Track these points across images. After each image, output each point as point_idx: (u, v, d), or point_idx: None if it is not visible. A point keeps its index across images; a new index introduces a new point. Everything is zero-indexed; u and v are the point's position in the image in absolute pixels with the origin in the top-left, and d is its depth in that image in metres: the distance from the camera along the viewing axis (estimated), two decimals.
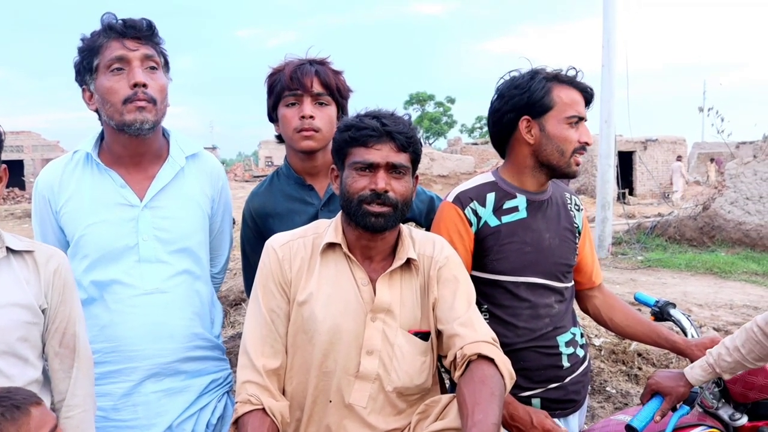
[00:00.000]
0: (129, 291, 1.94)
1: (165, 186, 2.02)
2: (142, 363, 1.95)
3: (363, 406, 1.74)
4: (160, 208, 2.00)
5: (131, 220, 1.96)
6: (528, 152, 2.05)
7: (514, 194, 2.07)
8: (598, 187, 12.38)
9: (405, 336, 1.77)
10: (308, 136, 2.15)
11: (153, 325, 1.95)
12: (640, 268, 10.87)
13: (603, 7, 11.82)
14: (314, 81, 2.15)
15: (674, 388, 1.96)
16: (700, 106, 17.31)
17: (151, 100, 1.92)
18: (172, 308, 1.99)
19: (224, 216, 2.27)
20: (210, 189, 2.16)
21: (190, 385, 2.04)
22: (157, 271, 1.97)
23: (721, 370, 1.91)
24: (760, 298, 8.38)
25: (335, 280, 1.78)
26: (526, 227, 2.05)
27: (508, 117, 2.03)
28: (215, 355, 2.15)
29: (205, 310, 2.11)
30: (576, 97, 2.02)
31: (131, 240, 1.96)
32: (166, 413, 1.98)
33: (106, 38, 1.91)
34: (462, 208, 2.03)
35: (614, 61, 11.75)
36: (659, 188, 23.38)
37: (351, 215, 1.75)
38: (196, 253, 2.08)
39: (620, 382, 4.93)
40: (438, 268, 1.82)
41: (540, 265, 2.05)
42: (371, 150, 1.72)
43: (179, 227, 2.03)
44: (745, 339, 1.89)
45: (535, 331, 2.03)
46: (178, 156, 2.08)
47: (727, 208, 12.69)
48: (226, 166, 58.18)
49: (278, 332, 1.77)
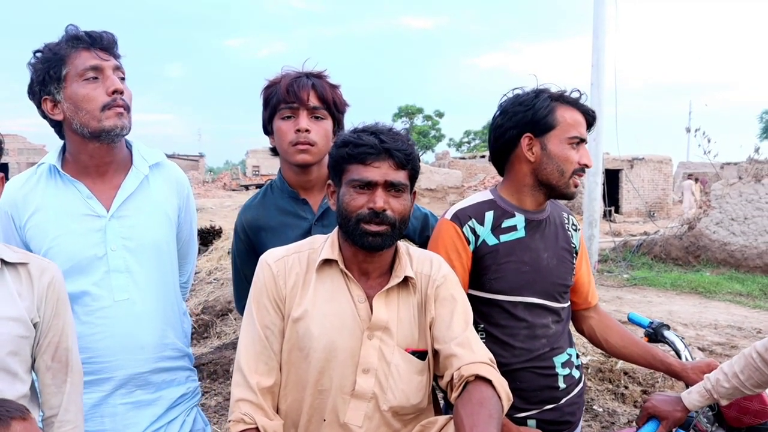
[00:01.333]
0: (99, 302, 1.93)
1: (131, 195, 2.01)
2: (113, 374, 1.93)
3: (358, 425, 1.71)
4: (127, 217, 1.99)
5: (99, 231, 1.95)
6: (528, 170, 2.04)
7: (513, 213, 2.06)
8: (585, 205, 12.46)
9: (402, 354, 1.75)
10: (303, 150, 2.12)
11: (124, 335, 1.94)
12: (626, 286, 10.93)
13: (593, 26, 11.95)
14: (311, 94, 2.13)
15: (671, 413, 1.95)
16: (687, 126, 17.48)
17: (126, 107, 1.95)
18: (143, 318, 1.97)
19: (191, 225, 2.27)
20: (176, 198, 2.15)
21: (160, 398, 2.02)
22: (126, 281, 1.96)
23: (719, 396, 1.90)
24: (744, 319, 8.44)
25: (331, 297, 1.75)
26: (525, 247, 2.04)
27: (510, 133, 2.03)
28: (185, 365, 2.14)
29: (176, 319, 2.10)
30: (579, 119, 2.03)
31: (99, 250, 1.94)
32: (134, 425, 1.96)
33: (72, 48, 1.91)
34: (460, 226, 2.02)
35: (603, 80, 11.87)
36: (645, 207, 23.56)
37: (348, 234, 1.73)
38: (166, 262, 2.07)
39: (607, 401, 4.93)
40: (435, 287, 1.80)
41: (537, 285, 2.04)
42: (369, 168, 1.70)
43: (147, 236, 2.02)
44: (744, 365, 1.88)
45: (532, 352, 2.02)
46: (141, 165, 2.07)
47: (713, 228, 12.81)
48: (213, 175, 58.06)
49: (273, 349, 1.74)
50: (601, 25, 11.86)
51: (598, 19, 11.87)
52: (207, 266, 9.75)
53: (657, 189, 26.14)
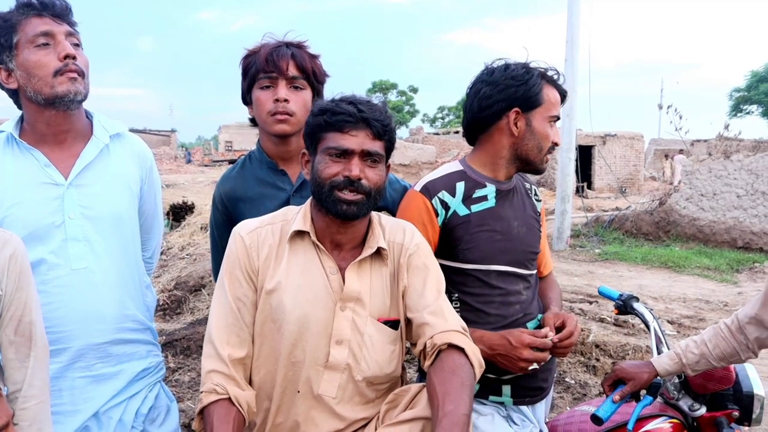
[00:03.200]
0: (57, 271, 1.89)
1: (90, 163, 1.97)
2: (71, 344, 1.89)
3: (332, 396, 1.72)
4: (86, 185, 1.95)
5: (56, 199, 1.91)
6: (508, 143, 2.05)
7: (484, 183, 2.07)
8: (559, 180, 12.55)
9: (375, 325, 1.76)
10: (282, 120, 2.10)
11: (81, 305, 1.90)
12: (597, 261, 11.07)
13: (567, 4, 11.94)
14: (290, 64, 2.10)
15: (638, 374, 2.02)
16: (659, 103, 17.66)
17: (80, 72, 1.91)
18: (102, 288, 1.94)
19: (155, 199, 2.23)
20: (137, 170, 2.12)
21: (120, 371, 1.99)
22: (85, 249, 1.92)
23: (687, 362, 1.97)
24: (711, 292, 8.61)
25: (304, 269, 1.75)
26: (496, 216, 2.05)
27: (498, 105, 2.02)
28: (147, 338, 2.10)
29: (137, 292, 2.07)
30: (558, 98, 2.08)
31: (57, 218, 1.90)
32: (92, 399, 1.93)
33: (23, 15, 1.87)
34: (429, 198, 2.02)
35: (577, 57, 11.91)
36: (617, 182, 23.83)
37: (322, 201, 1.72)
38: (126, 233, 2.04)
39: (579, 373, 5.02)
40: (408, 256, 1.80)
41: (510, 253, 2.06)
42: (346, 136, 1.69)
43: (107, 205, 1.98)
44: (712, 334, 1.98)
45: (506, 318, 2.04)
46: (101, 135, 2.03)
47: (683, 204, 13.00)
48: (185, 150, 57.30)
49: (244, 321, 1.74)
50: (576, 1, 11.87)
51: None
52: (180, 242, 9.68)
53: (629, 165, 26.41)
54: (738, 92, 33.18)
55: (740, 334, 1.94)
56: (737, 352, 1.94)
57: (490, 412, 2.04)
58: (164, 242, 9.74)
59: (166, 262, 8.79)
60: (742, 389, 2.05)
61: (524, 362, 1.89)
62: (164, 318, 6.75)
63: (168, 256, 9.13)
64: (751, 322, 1.92)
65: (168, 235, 10.42)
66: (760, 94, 31.39)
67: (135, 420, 2.01)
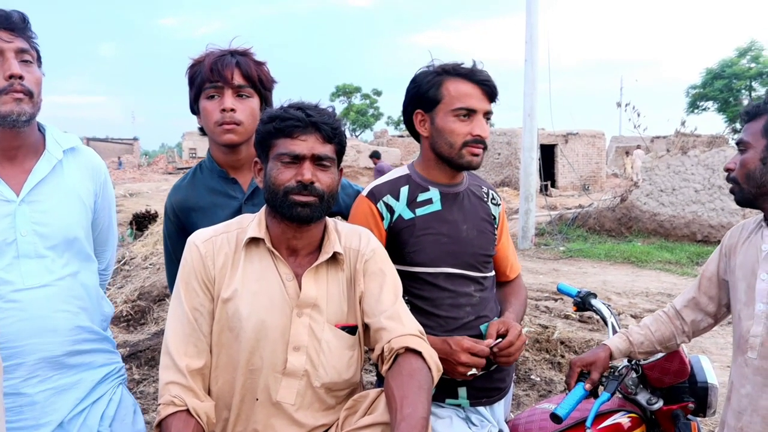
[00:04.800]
0: (8, 287, 1.85)
1: (42, 180, 1.94)
2: (26, 359, 1.86)
3: (291, 403, 1.71)
4: (38, 202, 1.92)
5: (8, 216, 1.87)
6: (427, 145, 2.09)
7: (427, 187, 2.09)
8: (522, 179, 12.68)
9: (332, 331, 1.76)
10: (229, 130, 2.09)
11: (35, 319, 1.87)
12: (562, 258, 11.22)
13: (526, 4, 12.08)
14: (235, 73, 2.09)
15: (596, 358, 2.09)
16: (618, 101, 17.95)
17: (27, 92, 1.85)
18: (55, 301, 1.91)
19: (109, 211, 2.21)
20: (91, 183, 2.09)
21: (79, 380, 1.97)
22: (37, 266, 1.89)
23: (633, 340, 2.13)
24: (673, 286, 8.78)
25: (260, 276, 1.74)
26: (441, 219, 2.07)
27: (407, 111, 2.09)
28: (105, 347, 2.08)
29: (92, 304, 2.04)
30: (467, 90, 2.01)
31: (9, 236, 1.87)
32: (56, 411, 1.90)
33: None
34: (375, 202, 2.05)
35: (537, 57, 12.07)
36: (580, 180, 24.15)
37: (277, 207, 1.72)
38: (80, 248, 2.01)
39: (544, 370, 5.07)
40: (364, 261, 1.81)
41: (457, 256, 2.07)
42: (297, 141, 1.69)
43: (60, 221, 1.95)
44: (653, 319, 2.18)
45: (457, 320, 2.05)
46: (54, 150, 2.00)
47: (643, 200, 13.24)
48: (148, 158, 56.60)
49: (202, 331, 1.72)
50: (534, 1, 12.02)
51: None
52: (143, 251, 9.53)
53: (591, 163, 26.81)
54: (694, 89, 33.95)
55: (677, 319, 2.16)
56: (674, 336, 2.14)
57: (448, 414, 2.05)
58: (127, 252, 9.59)
59: (129, 272, 8.66)
60: (698, 381, 2.09)
61: (462, 367, 1.89)
62: (128, 329, 6.65)
63: (131, 266, 8.99)
64: (688, 305, 2.15)
65: (131, 245, 10.27)
66: (716, 90, 32.17)
67: (101, 424, 1.99)
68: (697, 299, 2.13)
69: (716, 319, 2.14)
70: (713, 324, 2.15)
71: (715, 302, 2.10)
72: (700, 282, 2.14)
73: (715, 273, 2.09)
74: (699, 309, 2.13)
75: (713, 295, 2.10)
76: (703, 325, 2.14)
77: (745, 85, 31.41)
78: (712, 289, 2.10)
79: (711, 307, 2.11)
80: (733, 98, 32.23)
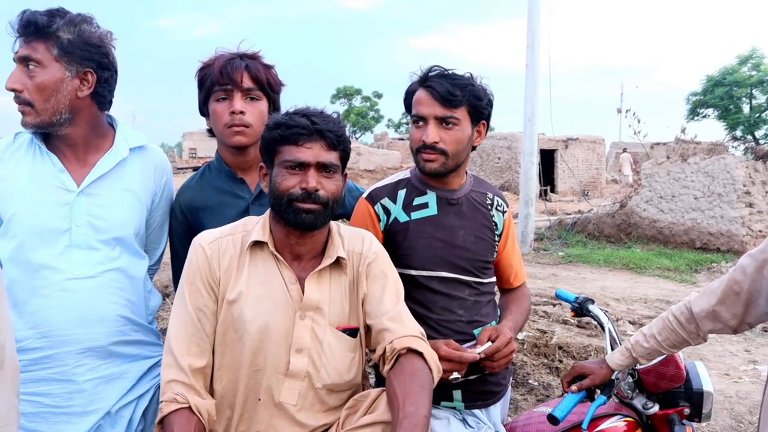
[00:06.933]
0: (58, 276, 1.91)
1: (104, 174, 2.01)
2: (73, 347, 1.92)
3: (293, 404, 1.74)
4: (97, 195, 1.99)
5: (65, 205, 1.94)
6: None
7: (425, 191, 2.12)
8: (522, 184, 12.69)
9: (334, 333, 1.78)
10: (239, 132, 2.14)
11: (82, 309, 1.92)
12: (561, 264, 11.23)
13: (528, 7, 12.11)
14: (244, 76, 2.13)
15: (597, 369, 2.12)
16: (619, 107, 17.99)
17: (25, 102, 1.91)
18: (102, 293, 1.96)
19: (165, 211, 2.27)
20: (153, 183, 2.16)
21: (126, 371, 2.03)
22: (87, 257, 1.95)
23: (637, 355, 2.05)
24: (672, 293, 8.79)
25: (264, 279, 1.77)
26: (437, 224, 2.09)
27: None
28: (150, 339, 2.13)
29: (138, 297, 2.09)
30: (420, 97, 2.04)
31: (64, 224, 1.93)
32: (104, 399, 1.97)
33: (17, 36, 1.91)
34: (373, 204, 2.10)
35: (538, 61, 12.07)
36: (579, 186, 24.19)
37: (281, 213, 1.75)
38: (130, 244, 2.06)
39: (542, 375, 5.09)
40: (367, 264, 1.84)
41: (452, 261, 2.09)
42: (301, 148, 1.72)
43: (115, 217, 2.01)
44: (661, 327, 2.03)
45: (449, 323, 2.07)
46: (121, 146, 2.07)
47: (643, 206, 13.26)
48: None
49: (205, 331, 1.75)
50: (536, 6, 12.05)
51: (532, 1, 12.06)
52: None
53: (591, 168, 26.83)
54: (695, 96, 33.92)
55: (690, 324, 1.97)
56: (687, 340, 2.00)
57: (445, 416, 2.08)
58: None
59: None
60: (693, 387, 2.11)
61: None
62: None
63: None
64: (708, 316, 1.94)
65: None
66: (716, 98, 32.13)
67: (140, 423, 2.06)
68: (718, 313, 1.91)
69: (735, 331, 1.95)
70: (731, 333, 1.99)
71: (738, 319, 1.89)
72: (725, 295, 1.88)
73: (747, 291, 1.83)
74: (719, 320, 1.93)
75: (738, 312, 1.88)
76: (720, 332, 1.98)
77: (746, 92, 31.40)
78: (739, 306, 1.87)
79: (733, 321, 1.90)
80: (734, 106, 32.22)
